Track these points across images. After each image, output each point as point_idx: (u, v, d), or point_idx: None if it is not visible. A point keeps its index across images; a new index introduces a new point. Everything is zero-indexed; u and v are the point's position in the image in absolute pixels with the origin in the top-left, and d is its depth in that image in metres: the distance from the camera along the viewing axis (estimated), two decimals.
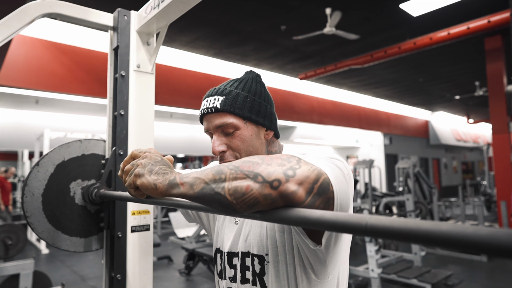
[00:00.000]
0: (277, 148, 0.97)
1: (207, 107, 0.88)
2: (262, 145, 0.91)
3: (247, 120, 0.88)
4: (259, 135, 0.91)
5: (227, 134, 0.88)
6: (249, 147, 0.88)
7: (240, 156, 0.87)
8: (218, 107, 0.87)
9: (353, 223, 0.43)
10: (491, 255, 0.32)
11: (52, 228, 1.20)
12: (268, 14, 5.90)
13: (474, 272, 5.12)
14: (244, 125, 0.88)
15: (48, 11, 1.19)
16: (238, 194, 0.55)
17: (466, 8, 5.79)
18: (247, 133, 0.88)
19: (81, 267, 5.72)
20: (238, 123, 0.87)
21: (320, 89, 11.17)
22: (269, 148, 0.94)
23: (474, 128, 19.39)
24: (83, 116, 9.28)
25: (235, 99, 0.87)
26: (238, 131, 0.87)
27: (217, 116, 0.87)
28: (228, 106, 0.86)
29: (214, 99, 0.88)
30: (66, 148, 1.24)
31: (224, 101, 0.87)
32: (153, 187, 0.63)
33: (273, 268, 0.81)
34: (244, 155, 0.87)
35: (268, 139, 0.94)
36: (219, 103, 0.87)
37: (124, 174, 0.70)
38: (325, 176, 0.59)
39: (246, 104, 0.88)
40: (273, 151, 0.95)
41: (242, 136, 0.87)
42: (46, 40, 6.21)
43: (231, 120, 0.86)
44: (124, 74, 1.31)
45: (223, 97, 0.88)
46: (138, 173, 0.65)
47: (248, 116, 0.88)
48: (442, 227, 0.35)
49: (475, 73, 9.63)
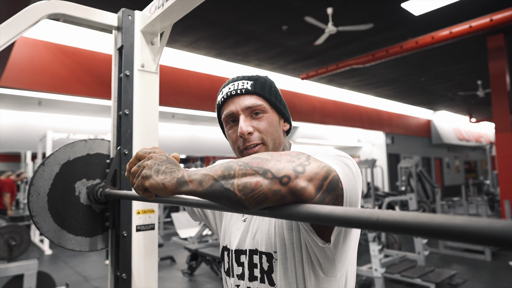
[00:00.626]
0: (287, 144, 0.97)
1: (235, 89, 0.89)
2: (282, 134, 0.93)
3: (273, 107, 0.91)
4: (279, 125, 0.92)
5: (255, 116, 0.88)
6: (275, 131, 0.89)
7: (266, 139, 0.88)
8: (249, 89, 0.88)
9: (365, 218, 0.43)
10: (507, 248, 0.31)
11: (57, 227, 1.21)
12: (269, 15, 5.90)
13: (478, 272, 5.10)
14: (271, 110, 0.90)
15: (53, 11, 1.19)
16: (248, 190, 0.55)
17: (468, 6, 5.77)
18: (274, 118, 0.90)
19: (84, 268, 5.73)
20: (267, 107, 0.89)
21: (322, 89, 11.16)
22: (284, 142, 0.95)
23: (477, 127, 19.33)
24: (86, 117, 9.29)
25: (264, 84, 0.90)
26: (267, 114, 0.89)
27: (247, 97, 0.88)
28: (259, 89, 0.89)
29: (243, 82, 0.90)
30: (71, 148, 1.25)
31: (254, 84, 0.89)
32: (162, 186, 0.63)
33: (281, 265, 0.81)
34: (270, 138, 0.88)
35: (285, 131, 0.95)
36: (250, 85, 0.89)
37: (131, 176, 0.70)
38: (335, 173, 0.59)
39: (272, 92, 0.91)
40: (286, 145, 0.96)
41: (270, 120, 0.89)
42: (48, 41, 6.23)
43: (261, 102, 0.88)
44: (129, 74, 1.31)
45: (252, 81, 0.90)
46: (146, 175, 0.65)
47: (274, 102, 0.90)
48: (456, 221, 0.35)
49: (477, 72, 9.60)
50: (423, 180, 8.24)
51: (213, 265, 4.90)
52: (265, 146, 0.88)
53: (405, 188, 8.13)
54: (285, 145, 0.95)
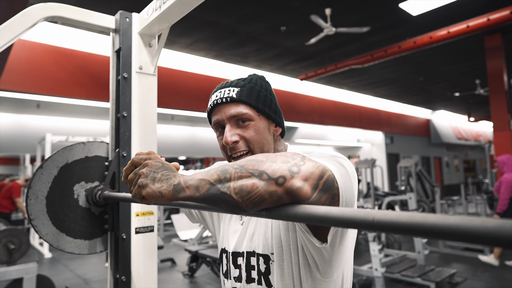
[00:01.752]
0: (282, 147, 0.97)
1: (221, 97, 0.89)
2: (271, 140, 0.92)
3: (261, 113, 0.90)
4: (269, 130, 0.92)
5: (241, 125, 0.88)
6: (262, 139, 0.89)
7: (253, 147, 0.88)
8: (234, 97, 0.88)
9: (360, 218, 0.43)
10: (500, 247, 0.32)
11: (56, 230, 1.21)
12: (268, 16, 5.91)
13: (478, 270, 5.11)
14: (258, 117, 0.89)
15: (51, 14, 1.19)
16: (244, 192, 0.55)
17: (465, 6, 5.79)
18: (260, 125, 0.89)
19: (84, 271, 5.72)
20: (253, 115, 0.88)
21: (321, 90, 11.17)
22: (275, 146, 0.95)
23: (475, 126, 19.36)
24: (85, 119, 9.29)
25: (251, 91, 0.89)
26: (253, 122, 0.88)
27: (232, 106, 0.88)
28: (244, 97, 0.88)
29: (229, 90, 0.89)
30: (70, 151, 1.25)
31: (240, 91, 0.88)
32: (158, 195, 0.63)
33: (278, 267, 0.82)
34: (257, 146, 0.88)
35: (276, 135, 0.95)
36: (235, 93, 0.88)
37: (128, 183, 0.70)
38: (330, 172, 0.59)
39: (260, 97, 0.90)
40: (279, 149, 0.96)
41: (256, 128, 0.88)
42: (47, 44, 6.23)
43: (246, 111, 0.87)
44: (127, 76, 1.31)
45: (238, 88, 0.89)
46: (142, 184, 0.65)
47: (262, 109, 0.89)
48: (449, 220, 0.35)
49: (475, 71, 9.62)
50: (423, 180, 8.25)
51: (213, 267, 4.89)
52: (252, 154, 0.88)
53: (404, 188, 8.13)
54: (278, 149, 0.95)
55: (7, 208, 6.73)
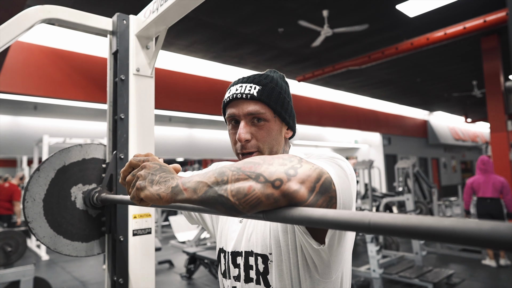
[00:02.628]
0: (288, 148, 0.98)
1: (241, 92, 0.88)
2: (282, 142, 0.93)
3: (277, 115, 0.90)
4: (281, 132, 0.92)
5: (256, 123, 0.88)
6: (273, 140, 0.89)
7: (263, 147, 0.88)
8: (255, 95, 0.87)
9: (357, 221, 0.43)
10: (494, 249, 0.32)
11: (53, 233, 1.20)
12: (265, 17, 5.92)
13: (476, 271, 5.12)
14: (273, 119, 0.89)
15: (47, 16, 1.19)
16: (241, 195, 0.55)
17: (462, 8, 5.82)
18: (274, 127, 0.89)
19: (82, 273, 5.70)
20: (269, 115, 0.88)
21: (319, 91, 11.19)
22: (284, 147, 0.95)
23: (472, 127, 19.43)
24: (82, 121, 9.27)
25: (271, 92, 0.89)
26: (268, 123, 0.88)
27: (251, 103, 0.88)
28: (265, 97, 0.88)
29: (251, 86, 0.89)
30: (67, 153, 1.25)
31: (261, 91, 0.88)
32: (157, 197, 0.63)
33: (277, 267, 0.82)
34: (267, 147, 0.88)
35: (287, 138, 0.95)
36: (256, 91, 0.88)
37: (127, 184, 0.70)
38: (327, 175, 0.59)
39: (279, 99, 0.90)
40: (286, 150, 0.97)
41: (270, 129, 0.88)
42: (44, 46, 6.22)
43: (264, 110, 0.87)
44: (124, 78, 1.31)
45: (260, 86, 0.88)
46: (140, 186, 0.65)
47: (279, 111, 0.89)
48: (444, 223, 0.35)
49: (472, 72, 9.66)
50: (420, 181, 8.26)
51: (211, 268, 4.89)
52: (261, 154, 0.88)
53: (402, 189, 8.15)
54: (286, 150, 0.96)
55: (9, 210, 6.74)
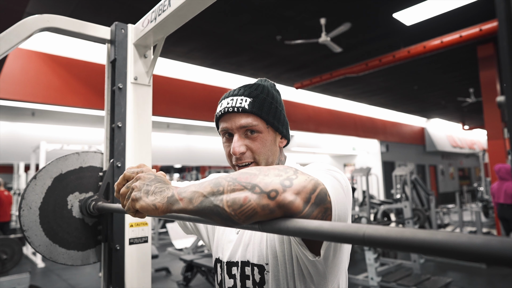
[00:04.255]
0: (283, 158, 0.98)
1: (232, 106, 0.89)
2: (277, 152, 0.93)
3: (270, 126, 0.90)
4: (275, 142, 0.92)
5: (249, 135, 0.88)
6: (268, 151, 0.89)
7: (258, 158, 0.88)
8: (246, 108, 0.87)
9: (351, 233, 0.44)
10: (486, 263, 0.32)
11: (49, 241, 1.20)
12: (263, 25, 5.96)
13: (474, 279, 5.11)
14: (266, 130, 0.90)
15: (46, 25, 1.20)
16: (236, 205, 0.55)
17: (458, 16, 5.88)
18: (268, 137, 0.90)
19: (78, 281, 5.64)
20: (262, 127, 0.89)
21: (316, 98, 11.23)
22: (280, 157, 0.96)
23: (470, 135, 19.51)
24: (80, 127, 9.25)
25: (262, 103, 0.89)
26: (261, 135, 0.89)
27: (243, 116, 0.88)
28: (256, 108, 0.88)
29: (241, 99, 0.89)
30: (64, 161, 1.24)
31: (253, 103, 0.88)
32: (152, 208, 0.63)
33: (273, 277, 0.82)
34: (262, 158, 0.89)
35: (281, 147, 0.96)
36: (247, 104, 0.88)
37: (121, 197, 0.70)
38: (322, 186, 0.59)
39: (271, 109, 0.90)
40: (282, 160, 0.97)
41: (264, 140, 0.89)
42: (42, 52, 6.23)
43: (256, 122, 0.88)
44: (122, 87, 1.32)
45: (251, 98, 0.89)
46: (135, 197, 0.65)
47: (272, 121, 0.90)
48: (437, 236, 0.36)
49: (469, 80, 9.73)
50: (418, 188, 8.26)
51: (208, 276, 4.85)
52: (257, 165, 0.88)
53: (400, 196, 8.15)
54: (281, 160, 0.96)
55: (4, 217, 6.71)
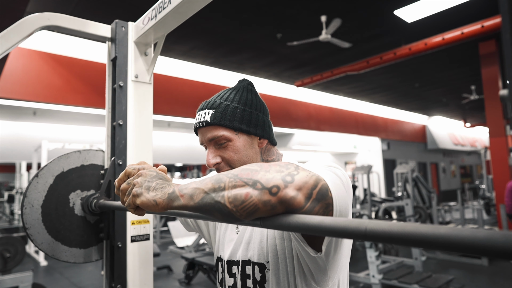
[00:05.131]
0: (274, 156, 0.96)
1: (198, 121, 0.90)
2: (256, 154, 0.91)
3: (238, 131, 0.88)
4: (252, 145, 0.90)
5: (220, 146, 0.88)
6: (242, 157, 0.88)
7: (234, 166, 0.88)
8: (208, 121, 0.88)
9: (353, 228, 0.43)
10: (489, 257, 0.32)
11: (51, 239, 1.20)
12: (264, 23, 5.95)
13: (475, 276, 5.10)
14: (236, 136, 0.88)
15: (47, 23, 1.20)
16: (238, 201, 0.55)
17: (460, 13, 5.86)
18: (239, 144, 0.88)
19: (80, 279, 5.66)
20: (230, 135, 0.87)
21: (317, 96, 11.22)
22: (264, 157, 0.94)
23: (471, 132, 19.46)
24: (81, 126, 9.27)
25: (225, 111, 0.88)
26: (231, 143, 0.88)
27: (209, 129, 0.88)
28: (218, 119, 0.87)
29: (205, 113, 0.89)
30: (65, 159, 1.25)
31: (214, 114, 0.88)
32: (153, 203, 0.63)
33: (274, 275, 0.82)
34: (238, 165, 0.87)
35: (263, 147, 0.93)
36: (209, 116, 0.88)
37: (121, 193, 0.70)
38: (324, 182, 0.60)
39: (236, 115, 0.88)
40: (270, 159, 0.95)
41: (235, 147, 0.88)
42: (43, 51, 6.24)
43: (222, 133, 0.87)
44: (122, 85, 1.32)
45: (212, 110, 0.88)
46: (136, 193, 0.65)
47: (239, 127, 0.88)
48: (440, 231, 0.36)
49: (470, 77, 9.70)
50: (419, 186, 8.25)
51: (210, 274, 4.86)
52: None
53: (401, 194, 8.14)
54: (268, 160, 0.94)
55: None
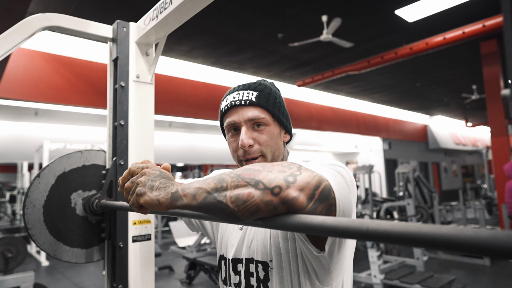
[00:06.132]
0: (286, 153, 0.98)
1: (240, 99, 0.89)
2: (282, 146, 0.94)
3: (276, 119, 0.91)
4: (280, 136, 0.93)
5: (256, 128, 0.89)
6: (275, 144, 0.90)
7: (266, 151, 0.88)
8: (253, 101, 0.88)
9: (355, 228, 0.43)
10: (492, 257, 0.32)
11: (53, 239, 1.20)
12: (265, 23, 5.95)
13: (477, 277, 5.09)
14: (273, 123, 0.91)
15: (49, 24, 1.20)
16: (240, 201, 0.55)
17: (461, 13, 5.84)
18: (275, 131, 0.90)
19: (81, 279, 5.67)
20: (270, 120, 0.89)
21: (318, 96, 11.21)
22: (284, 152, 0.96)
23: (473, 132, 19.42)
24: (82, 127, 9.28)
25: (269, 96, 0.90)
26: (268, 127, 0.89)
27: (251, 109, 0.88)
28: (263, 101, 0.89)
29: (248, 93, 0.90)
30: (67, 159, 1.25)
31: (259, 96, 0.89)
32: (156, 203, 0.63)
33: (277, 274, 0.82)
34: (270, 151, 0.89)
35: (285, 142, 0.96)
36: (254, 97, 0.89)
37: (125, 192, 0.70)
38: (326, 182, 0.59)
39: (276, 103, 0.91)
40: (285, 155, 0.97)
41: (271, 133, 0.89)
42: (45, 52, 6.25)
43: (264, 115, 0.89)
44: (124, 85, 1.32)
45: (257, 92, 0.90)
46: (140, 192, 0.65)
47: (277, 115, 0.91)
48: (442, 230, 0.35)
49: (472, 77, 9.68)
50: (421, 185, 8.24)
51: (211, 274, 4.86)
52: (264, 158, 0.89)
53: (403, 194, 8.13)
54: (284, 155, 0.96)
55: None
